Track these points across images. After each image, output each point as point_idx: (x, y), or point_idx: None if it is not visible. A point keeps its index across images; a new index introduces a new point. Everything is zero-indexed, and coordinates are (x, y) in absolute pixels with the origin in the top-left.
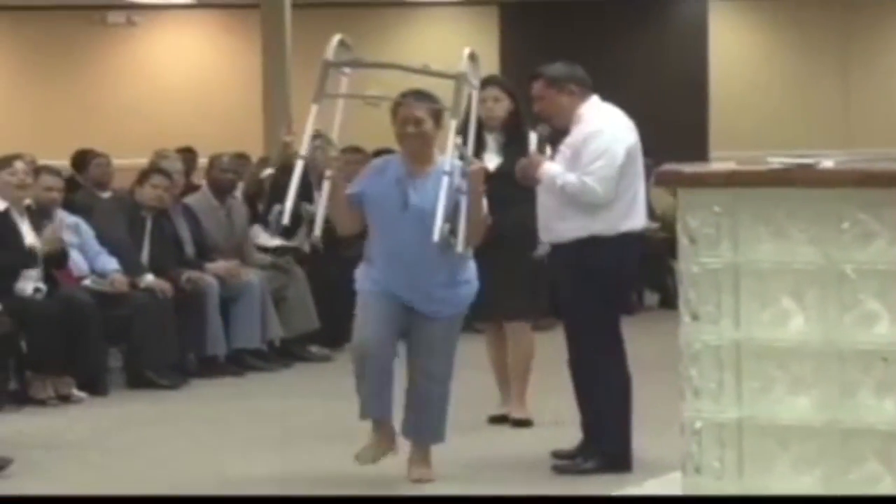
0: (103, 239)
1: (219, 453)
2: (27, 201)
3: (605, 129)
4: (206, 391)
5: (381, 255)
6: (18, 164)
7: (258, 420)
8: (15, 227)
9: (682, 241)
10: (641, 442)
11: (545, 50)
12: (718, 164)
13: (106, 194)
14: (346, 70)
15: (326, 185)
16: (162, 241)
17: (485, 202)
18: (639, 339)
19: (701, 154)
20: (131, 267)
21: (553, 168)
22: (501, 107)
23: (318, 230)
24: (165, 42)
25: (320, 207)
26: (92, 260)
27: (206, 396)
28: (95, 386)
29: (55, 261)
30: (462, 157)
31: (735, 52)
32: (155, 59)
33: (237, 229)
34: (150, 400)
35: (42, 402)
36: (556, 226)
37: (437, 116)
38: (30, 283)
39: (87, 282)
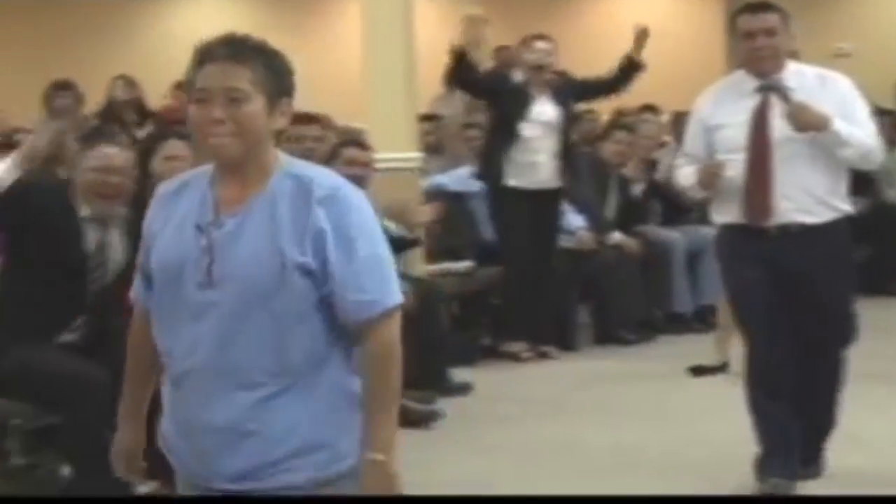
0: (570, 196)
1: (667, 416)
2: None
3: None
4: (672, 348)
5: (170, 387)
6: None
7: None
8: None
9: None
10: None
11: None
12: None
13: None
14: None
15: None
16: (626, 198)
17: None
18: None
19: None
20: (598, 224)
21: (838, 120)
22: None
23: None
24: None
25: None
26: None
27: (672, 353)
28: (566, 341)
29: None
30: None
31: None
32: None
33: None
34: (618, 356)
35: (515, 357)
36: (833, 203)
37: (273, 85)
38: None
39: None
